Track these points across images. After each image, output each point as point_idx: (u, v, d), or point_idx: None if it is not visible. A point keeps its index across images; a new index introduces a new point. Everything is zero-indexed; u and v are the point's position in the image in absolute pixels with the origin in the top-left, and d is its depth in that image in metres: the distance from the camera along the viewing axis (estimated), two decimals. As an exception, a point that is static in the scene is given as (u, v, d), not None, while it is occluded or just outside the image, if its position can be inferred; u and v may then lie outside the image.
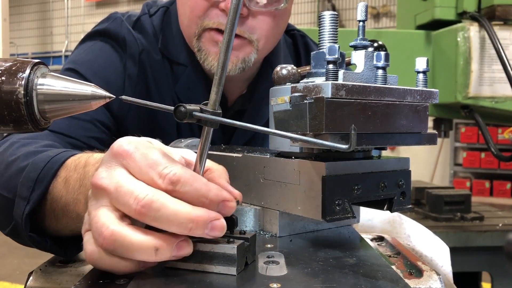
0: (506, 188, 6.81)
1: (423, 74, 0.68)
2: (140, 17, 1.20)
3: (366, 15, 0.67)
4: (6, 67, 0.54)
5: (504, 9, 1.51)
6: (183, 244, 0.54)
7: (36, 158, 0.81)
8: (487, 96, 1.54)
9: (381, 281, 0.54)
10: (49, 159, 0.79)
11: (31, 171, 0.78)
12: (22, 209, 0.76)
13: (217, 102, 0.55)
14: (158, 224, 0.52)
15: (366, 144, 0.62)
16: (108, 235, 0.52)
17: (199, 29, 1.08)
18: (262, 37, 1.09)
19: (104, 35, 1.17)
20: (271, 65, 1.23)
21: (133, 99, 0.57)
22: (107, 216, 0.54)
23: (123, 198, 0.53)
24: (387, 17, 7.77)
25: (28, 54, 10.16)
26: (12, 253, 4.51)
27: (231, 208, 0.55)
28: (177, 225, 0.52)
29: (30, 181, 0.77)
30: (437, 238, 1.09)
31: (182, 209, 0.52)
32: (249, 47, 1.09)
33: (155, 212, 0.52)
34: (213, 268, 0.56)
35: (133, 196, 0.52)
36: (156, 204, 0.52)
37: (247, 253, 0.58)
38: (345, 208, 0.63)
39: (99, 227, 0.53)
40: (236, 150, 0.88)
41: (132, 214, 0.53)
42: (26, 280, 0.66)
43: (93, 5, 9.82)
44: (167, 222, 0.52)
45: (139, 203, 0.52)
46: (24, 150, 0.85)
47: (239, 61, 1.08)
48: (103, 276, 0.55)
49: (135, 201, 0.52)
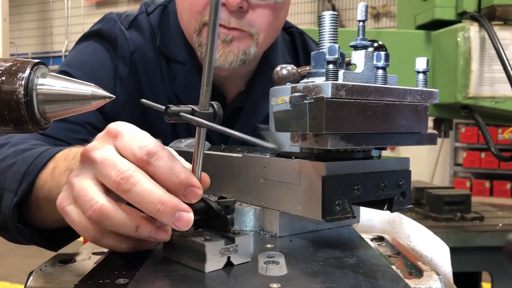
0: (506, 188, 6.81)
1: (423, 74, 0.68)
2: (137, 16, 1.21)
3: (366, 15, 0.67)
4: (6, 67, 0.54)
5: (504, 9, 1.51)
6: (161, 229, 0.59)
7: (25, 154, 0.83)
8: (487, 96, 1.54)
9: (381, 281, 0.54)
10: (39, 154, 0.82)
11: (20, 166, 0.81)
12: (10, 201, 0.79)
13: (206, 103, 0.58)
14: (131, 198, 0.57)
15: (366, 144, 0.62)
16: (98, 209, 0.57)
17: (199, 24, 1.08)
18: (262, 31, 1.09)
19: (97, 36, 1.18)
20: (268, 62, 1.23)
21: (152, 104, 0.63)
22: (94, 190, 0.59)
23: (107, 170, 0.57)
24: (387, 17, 7.77)
25: (28, 54, 10.16)
26: (12, 253, 4.51)
27: (196, 195, 0.59)
28: (147, 203, 0.56)
29: (18, 175, 0.80)
30: (437, 238, 1.09)
31: (155, 190, 0.57)
32: (249, 40, 1.09)
33: (131, 186, 0.56)
34: (187, 261, 0.58)
35: (115, 168, 0.57)
36: (134, 179, 0.56)
37: (230, 253, 0.58)
38: (345, 208, 0.63)
39: (88, 200, 0.58)
40: (236, 150, 0.88)
41: (111, 185, 0.58)
42: (26, 280, 0.66)
43: (93, 5, 9.82)
44: (139, 198, 0.57)
45: (119, 175, 0.56)
46: (14, 149, 0.88)
47: (240, 52, 1.08)
48: (103, 276, 0.55)
49: (116, 173, 0.57)
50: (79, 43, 1.21)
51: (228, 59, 1.07)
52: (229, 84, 1.22)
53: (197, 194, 0.59)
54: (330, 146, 0.59)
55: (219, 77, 1.18)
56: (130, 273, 0.56)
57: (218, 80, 1.19)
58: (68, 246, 0.90)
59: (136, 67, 1.16)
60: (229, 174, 0.81)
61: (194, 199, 0.59)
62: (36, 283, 0.65)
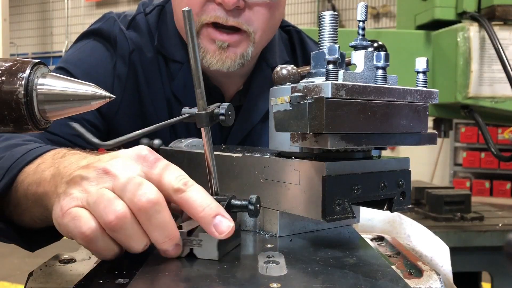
0: (506, 188, 6.81)
1: (423, 74, 0.68)
2: (135, 16, 1.22)
3: (366, 15, 0.67)
4: (6, 67, 0.54)
5: (504, 9, 1.51)
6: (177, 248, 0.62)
7: (14, 150, 0.83)
8: (487, 96, 1.54)
9: (381, 281, 0.54)
10: (27, 151, 0.81)
11: (6, 161, 0.80)
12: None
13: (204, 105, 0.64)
14: (150, 224, 0.58)
15: (366, 144, 0.62)
16: (121, 216, 0.57)
17: (197, 25, 1.08)
18: (259, 29, 1.10)
19: (96, 35, 1.19)
20: (266, 61, 1.24)
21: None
22: (116, 198, 0.58)
23: (133, 187, 0.58)
24: (387, 17, 7.77)
25: (28, 54, 10.16)
26: (12, 253, 4.51)
27: (227, 227, 0.59)
28: (161, 232, 0.59)
29: (2, 170, 0.79)
30: (437, 238, 1.09)
31: (171, 224, 0.60)
32: (246, 42, 1.10)
33: (154, 212, 0.58)
34: None
35: (143, 190, 0.58)
36: (159, 206, 0.58)
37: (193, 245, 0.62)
38: (345, 208, 0.63)
39: (112, 205, 0.57)
40: (236, 150, 0.88)
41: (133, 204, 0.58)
42: (26, 280, 0.66)
43: (93, 5, 9.81)
44: (156, 226, 0.59)
45: (147, 198, 0.57)
46: (6, 143, 0.87)
47: (238, 56, 1.09)
48: (103, 276, 0.56)
49: (143, 195, 0.57)
50: (78, 41, 1.22)
51: (225, 65, 1.09)
52: (228, 83, 1.23)
53: (227, 225, 0.60)
54: (330, 146, 0.59)
55: (217, 76, 1.18)
56: (130, 273, 0.56)
57: (217, 79, 1.20)
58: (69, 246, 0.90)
59: (135, 66, 1.16)
60: (229, 174, 0.81)
61: (225, 229, 0.60)
62: (36, 283, 0.65)
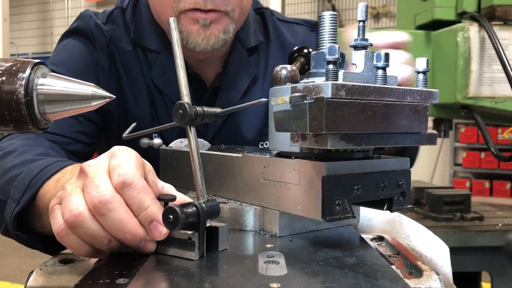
0: (506, 188, 6.81)
1: (423, 74, 0.68)
2: (112, 11, 1.27)
3: (366, 15, 0.67)
4: (6, 67, 0.54)
5: (504, 9, 1.51)
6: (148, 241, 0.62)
7: (32, 165, 0.87)
8: (487, 96, 1.54)
9: (381, 281, 0.54)
10: (43, 168, 0.85)
11: (25, 176, 0.85)
12: (11, 210, 0.82)
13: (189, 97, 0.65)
14: (105, 222, 0.59)
15: (366, 144, 0.62)
16: (75, 215, 0.59)
17: (175, 12, 1.10)
18: (237, 7, 1.13)
19: (75, 33, 1.24)
20: (241, 41, 1.28)
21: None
22: (78, 198, 0.60)
23: (90, 188, 0.60)
24: (387, 17, 7.77)
25: (28, 54, 10.15)
26: (13, 253, 4.51)
27: (159, 233, 0.61)
28: (118, 230, 0.60)
29: (23, 185, 0.83)
30: (437, 238, 1.09)
31: (128, 220, 0.60)
32: (226, 19, 1.12)
33: (106, 211, 0.59)
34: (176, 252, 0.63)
35: (97, 189, 0.60)
36: (110, 205, 0.59)
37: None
38: (345, 208, 0.63)
39: (70, 204, 0.60)
40: (236, 150, 0.88)
41: (89, 203, 0.60)
42: (27, 280, 0.66)
43: (93, 5, 9.80)
44: (112, 224, 0.59)
45: (99, 198, 0.59)
46: (21, 159, 0.92)
47: (220, 32, 1.12)
48: (103, 276, 0.56)
49: (96, 194, 0.59)
50: (60, 41, 1.27)
51: (210, 42, 1.11)
52: (206, 68, 1.26)
53: (160, 232, 0.61)
54: (330, 146, 0.59)
55: (196, 62, 1.22)
56: (130, 273, 0.56)
57: (195, 65, 1.23)
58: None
59: (114, 56, 1.22)
60: (229, 174, 0.81)
61: (156, 237, 0.61)
62: (37, 283, 0.65)
